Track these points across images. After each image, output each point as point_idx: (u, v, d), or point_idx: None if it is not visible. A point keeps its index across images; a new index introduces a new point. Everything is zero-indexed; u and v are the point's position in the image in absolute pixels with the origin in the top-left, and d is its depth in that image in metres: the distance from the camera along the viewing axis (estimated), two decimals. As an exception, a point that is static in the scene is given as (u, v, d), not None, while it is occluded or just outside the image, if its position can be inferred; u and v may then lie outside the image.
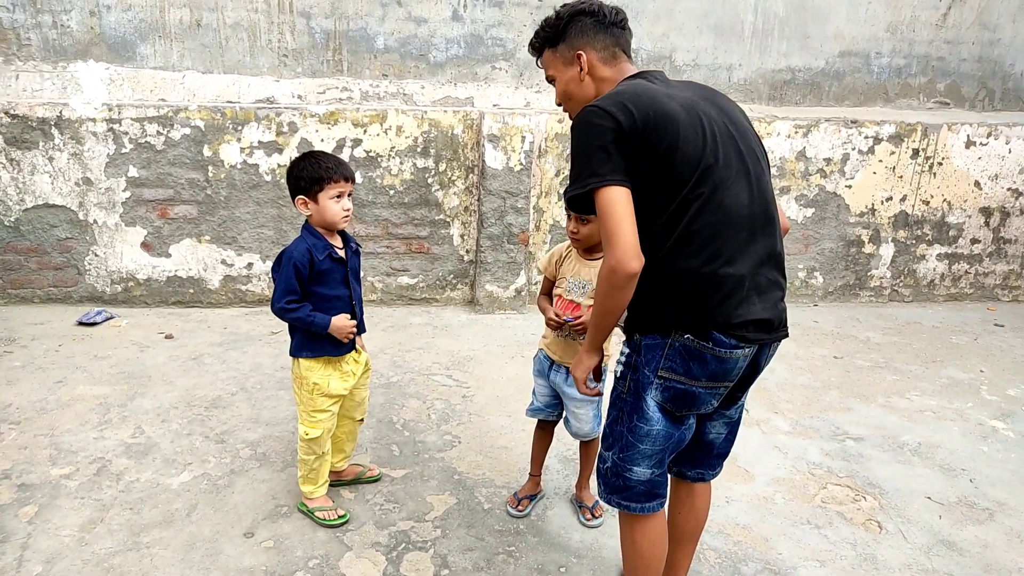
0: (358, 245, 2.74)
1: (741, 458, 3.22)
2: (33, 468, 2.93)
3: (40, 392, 3.56)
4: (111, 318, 4.50)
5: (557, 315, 2.52)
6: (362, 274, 4.84)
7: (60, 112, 4.38)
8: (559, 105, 2.17)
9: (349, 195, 2.55)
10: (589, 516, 2.75)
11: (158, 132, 4.44)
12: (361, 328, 2.72)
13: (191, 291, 4.76)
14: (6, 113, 4.34)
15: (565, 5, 2.09)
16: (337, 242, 2.61)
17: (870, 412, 3.77)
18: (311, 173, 2.47)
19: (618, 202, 1.76)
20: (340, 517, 2.70)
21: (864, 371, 4.27)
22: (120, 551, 2.49)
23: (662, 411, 1.91)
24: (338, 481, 2.91)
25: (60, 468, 2.94)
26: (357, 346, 2.72)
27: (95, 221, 4.56)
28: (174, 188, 4.55)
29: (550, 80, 2.15)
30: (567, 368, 2.55)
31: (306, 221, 2.59)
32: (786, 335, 1.97)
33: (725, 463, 2.25)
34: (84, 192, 4.51)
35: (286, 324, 2.61)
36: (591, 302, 2.43)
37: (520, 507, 2.78)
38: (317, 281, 2.54)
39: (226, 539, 2.59)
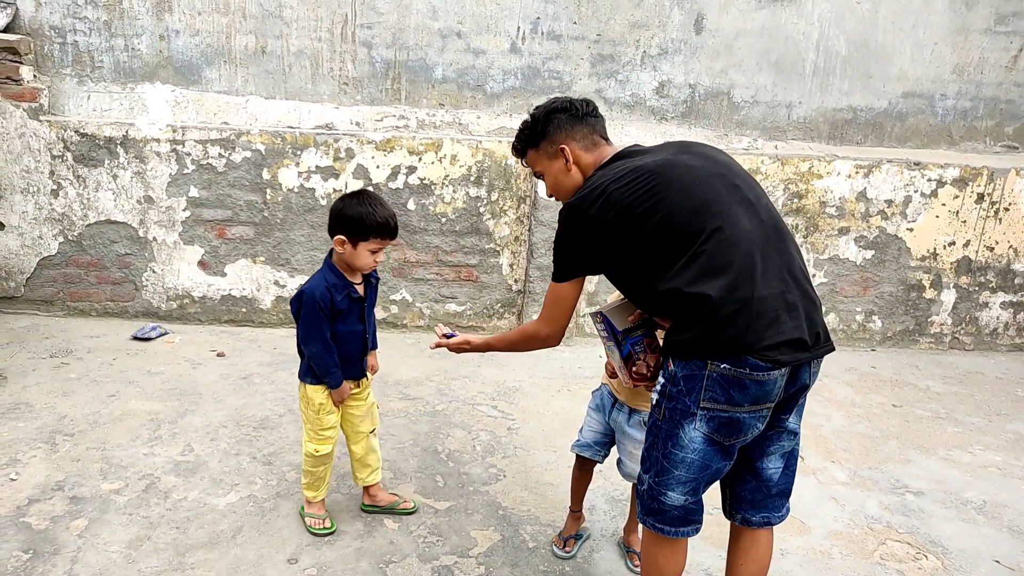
0: (377, 276, 2.74)
1: (797, 509, 3.09)
2: (85, 481, 2.97)
3: (94, 405, 3.61)
4: (165, 334, 4.58)
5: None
6: (410, 299, 4.88)
7: (126, 132, 4.51)
8: (551, 196, 2.37)
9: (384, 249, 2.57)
10: (638, 562, 2.66)
11: (220, 154, 4.55)
12: (372, 345, 2.79)
13: (243, 310, 4.83)
14: (76, 132, 4.48)
15: (538, 107, 2.30)
16: (357, 278, 2.62)
17: (931, 465, 3.62)
18: (363, 221, 2.45)
19: (566, 297, 2.16)
20: (326, 528, 2.74)
21: (924, 421, 4.11)
22: (165, 571, 2.49)
23: (710, 442, 1.91)
24: (372, 507, 2.90)
25: (110, 483, 2.97)
26: (368, 371, 2.78)
27: (154, 238, 4.67)
28: (232, 209, 4.64)
29: (538, 176, 2.35)
30: (631, 409, 2.49)
31: (330, 255, 2.59)
32: (829, 350, 1.97)
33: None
34: (145, 210, 4.62)
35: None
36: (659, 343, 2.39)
37: (567, 548, 2.71)
38: (335, 319, 2.58)
39: (270, 564, 2.57)
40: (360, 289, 2.62)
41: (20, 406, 3.55)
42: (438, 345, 2.58)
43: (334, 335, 2.58)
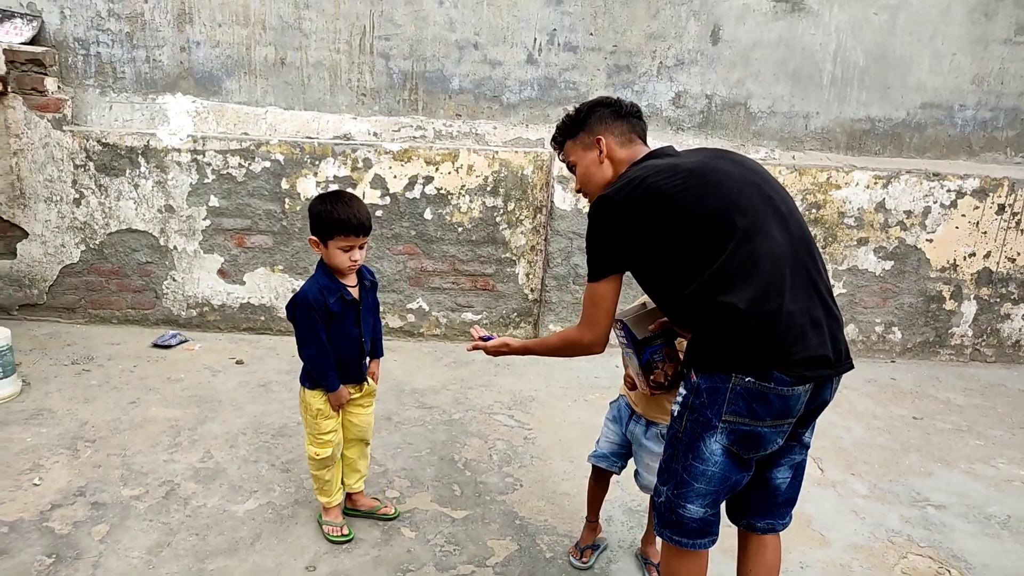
0: (374, 279, 2.74)
1: (816, 521, 3.08)
2: (106, 487, 2.99)
3: (114, 412, 3.65)
4: (185, 341, 4.62)
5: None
6: (426, 308, 4.89)
7: (147, 142, 4.57)
8: (579, 191, 2.33)
9: (362, 247, 2.54)
10: (655, 574, 2.65)
11: (240, 164, 4.59)
12: (377, 353, 2.81)
13: (262, 318, 4.86)
14: (98, 141, 4.54)
15: (585, 103, 2.30)
16: (351, 280, 2.63)
17: (952, 478, 3.58)
18: (326, 218, 2.47)
19: (604, 297, 2.07)
20: (344, 536, 2.76)
21: (945, 434, 4.06)
22: (185, 577, 2.51)
23: (729, 455, 1.90)
24: (353, 511, 2.92)
25: (131, 489, 2.99)
26: (368, 376, 2.78)
27: (175, 247, 4.71)
28: (252, 218, 4.68)
29: (571, 168, 2.32)
30: (648, 421, 2.49)
31: (321, 259, 2.61)
32: (849, 367, 1.96)
33: (803, 528, 2.16)
34: (166, 219, 4.67)
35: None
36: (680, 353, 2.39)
37: (584, 558, 2.71)
38: (329, 322, 2.58)
39: (288, 571, 2.58)
40: (354, 292, 2.62)
41: (43, 412, 3.59)
42: (475, 347, 2.48)
43: (328, 339, 2.59)
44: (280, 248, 4.75)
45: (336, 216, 2.45)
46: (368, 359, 2.76)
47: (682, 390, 1.98)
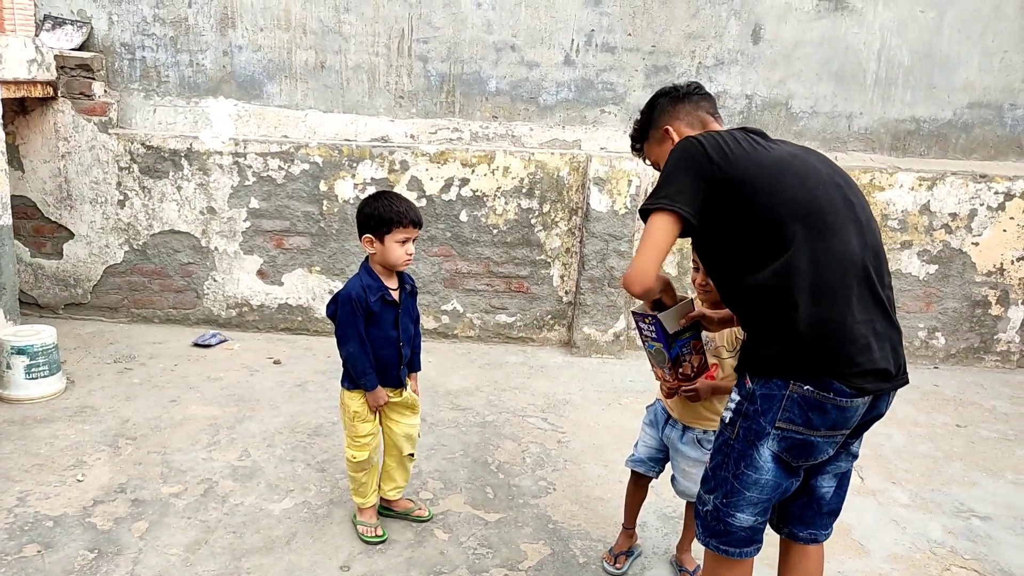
0: (414, 286, 2.79)
1: (855, 530, 3.02)
2: (146, 484, 3.05)
3: (155, 410, 3.72)
4: (224, 341, 4.70)
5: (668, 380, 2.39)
6: (461, 310, 4.91)
7: (190, 145, 4.66)
8: None
9: (414, 240, 2.61)
10: (690, 581, 2.62)
11: (279, 167, 4.66)
12: (415, 367, 2.83)
13: (299, 319, 4.93)
14: (143, 144, 4.65)
15: (646, 103, 2.27)
16: (393, 283, 2.67)
17: (998, 489, 3.48)
18: (382, 214, 2.53)
19: (661, 229, 1.86)
20: (378, 536, 2.78)
21: (990, 443, 3.95)
22: (222, 575, 2.55)
23: (778, 461, 1.86)
24: (388, 510, 2.93)
25: (170, 486, 3.05)
26: (408, 385, 2.79)
27: (216, 248, 4.80)
28: (290, 220, 4.75)
29: (657, 168, 2.23)
30: (684, 426, 2.46)
31: (367, 259, 2.66)
32: (905, 382, 1.90)
33: (841, 537, 2.12)
34: (207, 220, 4.75)
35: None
36: (715, 360, 2.36)
37: (617, 564, 2.68)
38: (368, 321, 2.61)
39: (323, 570, 2.60)
40: (395, 294, 2.66)
41: (86, 409, 3.68)
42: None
43: (368, 339, 2.62)
44: (318, 249, 4.81)
45: (395, 209, 2.53)
46: (406, 370, 2.78)
47: (735, 395, 1.93)
